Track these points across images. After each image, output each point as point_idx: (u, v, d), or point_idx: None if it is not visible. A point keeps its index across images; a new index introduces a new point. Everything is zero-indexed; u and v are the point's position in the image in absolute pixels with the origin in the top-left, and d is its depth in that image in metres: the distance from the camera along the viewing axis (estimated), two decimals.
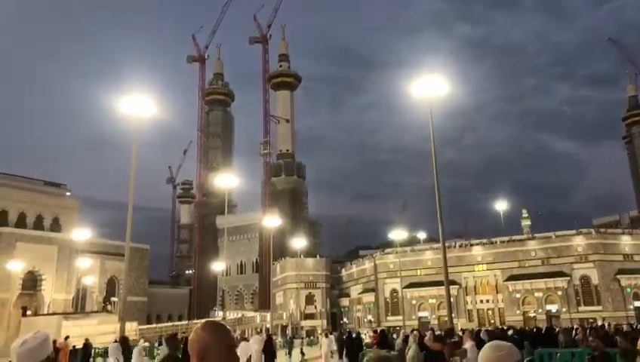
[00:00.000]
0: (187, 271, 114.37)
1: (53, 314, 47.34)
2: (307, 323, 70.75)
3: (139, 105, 35.39)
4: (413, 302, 65.24)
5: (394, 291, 67.28)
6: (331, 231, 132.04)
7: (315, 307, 75.38)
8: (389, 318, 66.46)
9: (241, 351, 16.07)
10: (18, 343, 2.49)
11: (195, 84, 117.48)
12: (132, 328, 41.54)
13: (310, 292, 75.71)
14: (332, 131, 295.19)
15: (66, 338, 26.26)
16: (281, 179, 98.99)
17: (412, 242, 71.74)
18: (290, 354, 30.91)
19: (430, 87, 23.94)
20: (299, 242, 66.90)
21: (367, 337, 28.99)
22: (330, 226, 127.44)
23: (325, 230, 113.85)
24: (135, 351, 19.80)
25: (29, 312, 47.63)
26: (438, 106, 26.42)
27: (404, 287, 63.84)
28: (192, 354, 2.04)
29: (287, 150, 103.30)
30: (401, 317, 60.47)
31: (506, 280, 60.47)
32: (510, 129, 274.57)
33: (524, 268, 60.28)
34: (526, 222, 69.45)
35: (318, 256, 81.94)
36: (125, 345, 18.61)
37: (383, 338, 18.59)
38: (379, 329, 22.08)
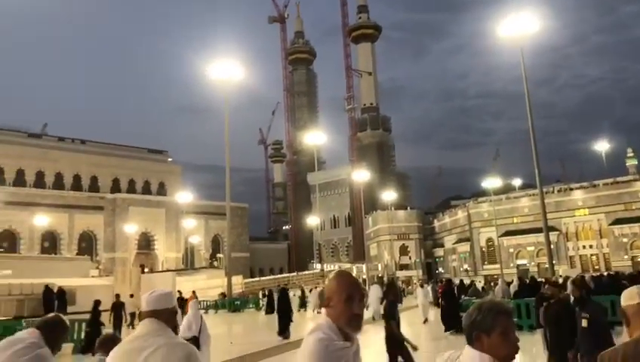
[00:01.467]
0: (284, 227, 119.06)
1: (167, 270, 51.74)
2: (402, 274, 71.77)
3: (227, 70, 36.99)
4: (511, 250, 63.95)
5: (489, 240, 66.21)
6: (421, 183, 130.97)
7: (410, 258, 76.12)
8: (486, 267, 65.80)
9: None
10: (148, 293, 2.75)
11: (277, 45, 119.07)
12: (238, 281, 44.53)
13: (403, 244, 76.42)
14: (416, 80, 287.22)
15: (193, 292, 28.99)
16: (367, 134, 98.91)
17: (507, 190, 69.64)
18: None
19: (520, 25, 22.91)
20: (389, 195, 67.29)
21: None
22: (419, 178, 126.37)
23: (415, 182, 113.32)
24: (192, 304, 21.80)
25: (146, 270, 52.45)
26: (529, 44, 25.32)
27: (501, 236, 62.58)
28: (326, 300, 2.23)
29: (372, 103, 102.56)
30: (498, 266, 59.68)
31: (611, 224, 57.39)
32: (609, 63, 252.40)
33: (630, 211, 56.80)
34: (631, 162, 64.88)
35: (408, 208, 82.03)
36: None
37: (448, 288, 18.99)
38: (444, 279, 22.48)
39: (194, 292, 29.14)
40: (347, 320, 2.16)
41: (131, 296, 20.77)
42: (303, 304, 33.92)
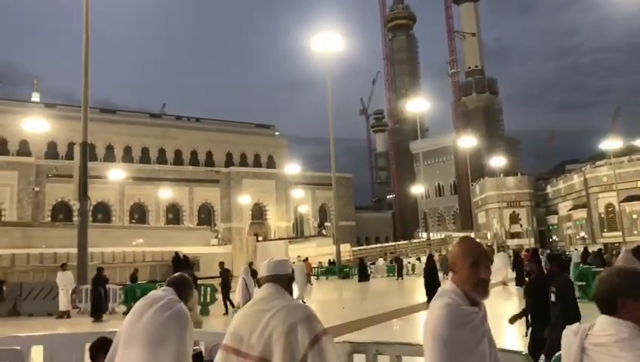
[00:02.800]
0: (388, 196, 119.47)
1: (280, 239, 54.74)
2: (513, 242, 69.54)
3: (328, 42, 37.73)
4: (634, 216, 59.47)
5: (609, 206, 61.99)
6: (532, 147, 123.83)
7: (521, 226, 73.43)
8: (605, 234, 61.82)
9: None
10: (267, 260, 2.93)
11: (375, 14, 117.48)
12: (346, 249, 46.00)
13: (514, 211, 73.79)
14: (523, 39, 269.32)
15: (305, 259, 30.72)
16: (472, 98, 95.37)
17: (629, 151, 64.35)
18: None
19: None
20: (497, 161, 65.09)
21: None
22: (530, 142, 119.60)
23: (525, 147, 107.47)
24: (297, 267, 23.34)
25: (260, 238, 55.96)
26: None
27: (622, 201, 58.38)
28: (450, 266, 2.31)
29: (476, 66, 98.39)
30: (619, 233, 55.94)
31: None
32: None
33: None
34: None
35: (519, 174, 78.72)
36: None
37: (535, 256, 18.30)
38: (531, 249, 21.69)
39: (306, 259, 30.75)
40: (473, 285, 2.19)
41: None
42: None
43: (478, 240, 2.53)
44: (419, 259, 38.37)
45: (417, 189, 73.10)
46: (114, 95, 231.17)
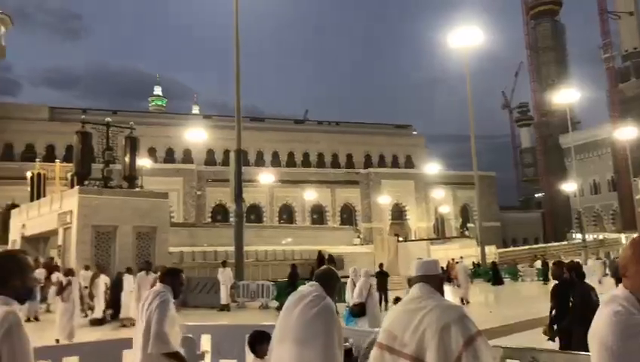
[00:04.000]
0: (536, 195, 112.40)
1: (421, 239, 54.61)
2: None
3: (467, 36, 36.84)
4: None
5: None
6: None
7: None
8: None
9: None
10: (417, 260, 3.01)
11: (512, 2, 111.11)
12: (491, 251, 44.50)
13: None
14: None
15: (455, 260, 30.67)
16: (632, 84, 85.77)
17: None
18: None
19: None
20: None
21: None
22: None
23: None
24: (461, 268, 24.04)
25: (400, 239, 56.25)
26: None
27: None
28: (621, 270, 2.14)
29: (635, 48, 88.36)
30: None
31: None
32: None
33: None
34: None
35: None
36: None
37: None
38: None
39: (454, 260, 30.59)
40: None
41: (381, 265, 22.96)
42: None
43: (622, 243, 2.53)
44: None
45: (569, 187, 67.99)
46: (261, 103, 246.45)
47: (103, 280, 17.30)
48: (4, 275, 2.50)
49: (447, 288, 27.02)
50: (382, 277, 19.97)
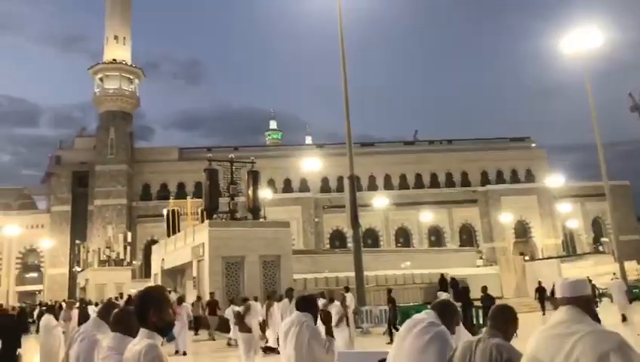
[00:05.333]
0: None
1: (549, 257, 51.17)
2: None
3: (584, 39, 34.53)
4: None
5: None
6: None
7: None
8: None
9: None
10: (561, 281, 2.83)
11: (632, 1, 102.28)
12: (631, 267, 40.65)
13: None
14: None
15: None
16: None
17: None
18: None
19: None
20: None
21: None
22: None
23: None
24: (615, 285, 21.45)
25: (526, 258, 53.19)
26: None
27: None
28: None
29: None
30: None
31: None
32: None
33: None
34: None
35: None
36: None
37: None
38: None
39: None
40: None
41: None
42: None
43: None
44: None
45: None
46: (370, 128, 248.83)
47: (276, 308, 17.50)
48: (142, 311, 2.72)
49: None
50: (488, 301, 18.13)
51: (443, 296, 17.98)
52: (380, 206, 57.98)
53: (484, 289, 18.73)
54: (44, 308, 36.56)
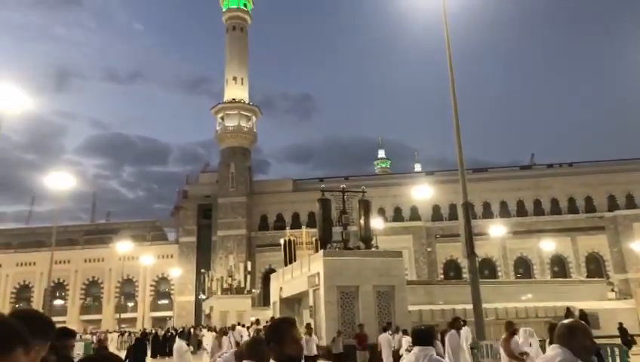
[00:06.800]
0: None
1: None
2: None
3: None
4: None
5: None
6: None
7: None
8: None
9: None
10: None
11: None
12: None
13: None
14: None
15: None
16: None
17: None
18: None
19: None
20: None
21: None
22: None
23: None
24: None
25: None
26: None
27: None
28: None
29: None
30: None
31: None
32: None
33: None
34: None
35: None
36: None
37: None
38: None
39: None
40: None
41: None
42: None
43: None
44: None
45: None
46: (481, 153, 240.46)
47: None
48: (274, 341, 2.86)
49: None
50: (625, 337, 16.59)
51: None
52: (497, 234, 55.76)
53: (621, 325, 17.63)
54: (173, 332, 39.64)
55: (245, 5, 75.92)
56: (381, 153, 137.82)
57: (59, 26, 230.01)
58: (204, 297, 57.36)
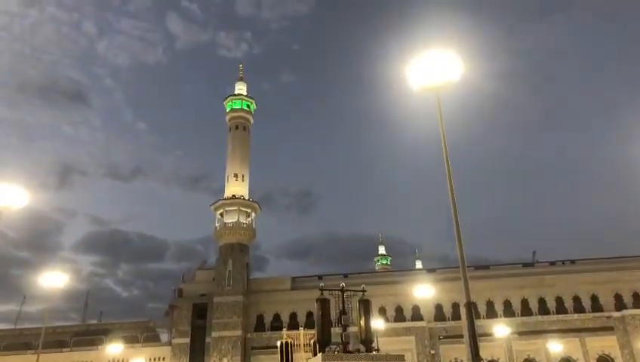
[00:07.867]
0: None
1: None
2: None
3: None
4: None
5: None
6: None
7: None
8: None
9: None
10: None
11: None
12: None
13: None
14: None
15: None
16: None
17: None
18: None
19: None
20: None
21: None
22: None
23: None
24: None
25: None
26: None
27: None
28: None
29: None
30: None
31: None
32: None
33: None
34: None
35: None
36: None
37: None
38: None
39: None
40: None
41: None
42: None
43: None
44: None
45: None
46: (481, 250, 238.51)
47: None
48: None
49: None
50: None
51: None
52: (502, 335, 53.91)
53: None
54: None
55: (248, 106, 79.06)
56: (381, 249, 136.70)
57: (66, 124, 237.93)
58: None
